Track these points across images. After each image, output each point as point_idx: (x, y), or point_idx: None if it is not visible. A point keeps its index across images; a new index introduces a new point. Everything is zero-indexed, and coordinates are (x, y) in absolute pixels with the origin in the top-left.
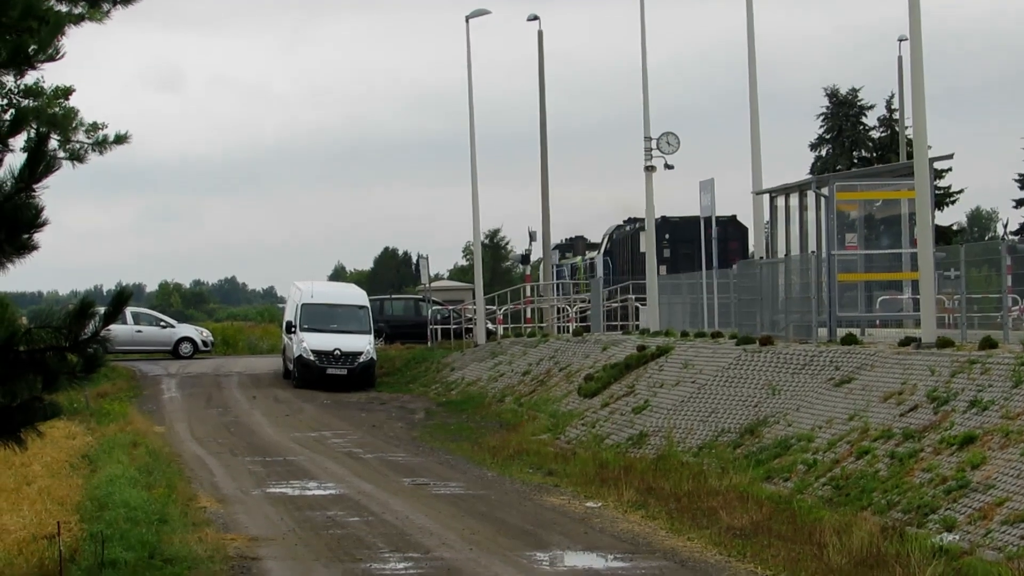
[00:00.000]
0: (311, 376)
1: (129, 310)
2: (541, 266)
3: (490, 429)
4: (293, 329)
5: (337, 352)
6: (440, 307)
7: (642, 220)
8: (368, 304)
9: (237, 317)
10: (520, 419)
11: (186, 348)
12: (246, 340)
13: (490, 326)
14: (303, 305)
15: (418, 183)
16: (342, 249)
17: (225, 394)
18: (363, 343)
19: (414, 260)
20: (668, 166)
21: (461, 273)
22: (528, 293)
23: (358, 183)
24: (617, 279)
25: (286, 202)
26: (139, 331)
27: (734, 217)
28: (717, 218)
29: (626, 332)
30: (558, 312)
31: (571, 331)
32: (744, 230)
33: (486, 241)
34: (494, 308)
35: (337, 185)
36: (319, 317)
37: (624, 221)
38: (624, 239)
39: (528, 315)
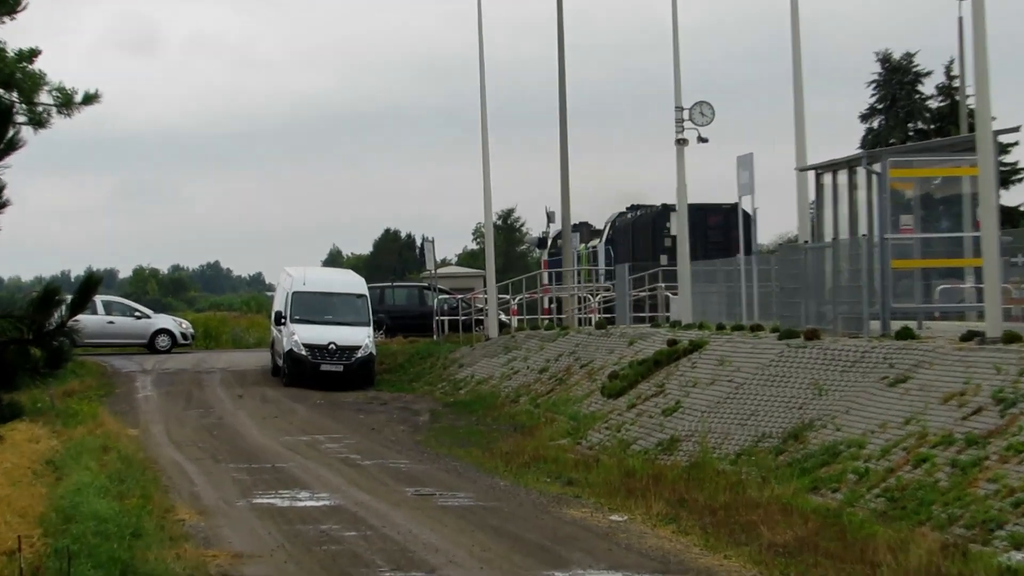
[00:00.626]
0: (303, 373)
1: (100, 298)
2: (561, 250)
3: (503, 433)
4: (283, 320)
5: (332, 346)
6: (447, 296)
7: (645, 207)
8: (367, 293)
9: (220, 307)
10: (536, 422)
11: (163, 341)
12: (230, 333)
13: (503, 317)
14: (294, 293)
15: (423, 158)
16: (338, 231)
17: (207, 393)
18: (361, 336)
19: (418, 243)
20: (702, 139)
21: (471, 258)
22: (545, 281)
23: (356, 157)
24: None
25: (275, 179)
26: (111, 322)
27: (736, 205)
28: (720, 205)
29: (655, 325)
30: (579, 302)
31: (594, 323)
32: (748, 217)
33: (499, 222)
34: (507, 297)
35: (332, 160)
36: (312, 307)
37: (627, 208)
38: (626, 227)
39: (546, 305)
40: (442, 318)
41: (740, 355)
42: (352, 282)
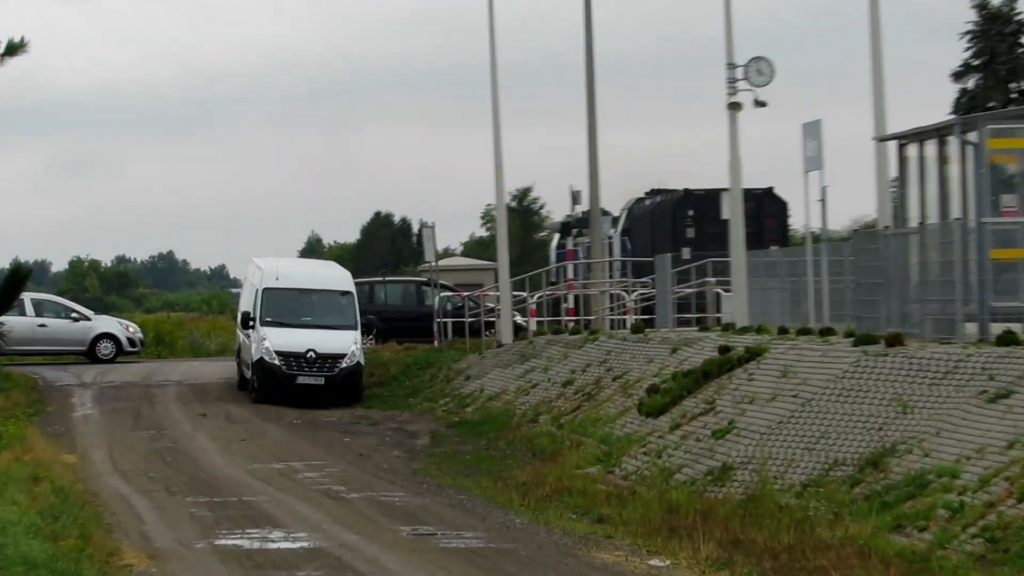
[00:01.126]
0: (276, 387)
1: (28, 296)
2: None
3: (519, 459)
4: (251, 323)
5: (311, 354)
6: (451, 294)
7: (666, 192)
8: (353, 289)
9: (175, 306)
10: (560, 446)
11: (106, 348)
12: (187, 338)
13: (519, 319)
14: (265, 290)
15: (421, 127)
16: (318, 215)
17: (159, 411)
18: (346, 342)
19: (415, 230)
20: (759, 103)
21: (479, 247)
22: (570, 274)
23: (340, 127)
24: (635, 264)
25: (241, 152)
26: (42, 325)
27: (770, 189)
28: (750, 191)
29: (704, 328)
30: (612, 301)
31: (629, 326)
32: (782, 205)
33: (513, 204)
34: (524, 295)
35: (312, 130)
36: (287, 307)
37: (646, 193)
38: (644, 215)
39: (571, 304)
40: (445, 320)
41: (807, 365)
42: (335, 276)
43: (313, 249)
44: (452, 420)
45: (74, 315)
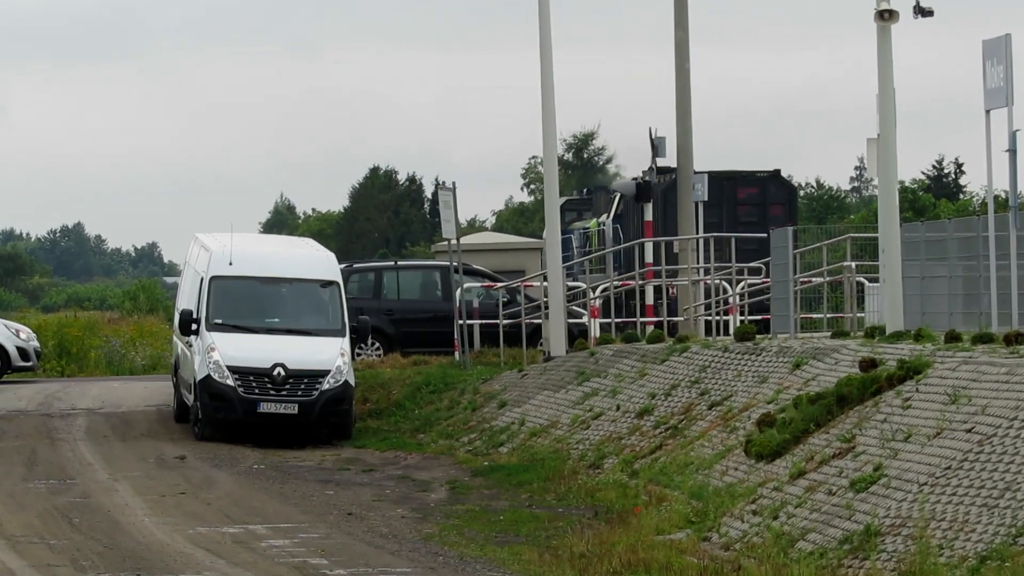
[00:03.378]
0: (229, 417)
1: None
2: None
3: (575, 520)
4: (195, 327)
5: (279, 372)
6: (479, 284)
7: (663, 172)
8: (339, 277)
9: (86, 303)
10: (633, 502)
11: None
12: (103, 348)
13: (577, 320)
14: (214, 280)
15: (434, 49)
16: (288, 174)
17: (63, 451)
18: (329, 354)
19: (428, 193)
20: (921, 10)
21: (519, 218)
22: (649, 258)
23: (315, 51)
24: (628, 253)
25: (173, 83)
26: None
27: (777, 172)
28: (755, 174)
29: (839, 334)
30: (707, 295)
31: (731, 331)
32: (791, 190)
33: (568, 157)
34: (582, 286)
35: (274, 54)
36: (244, 303)
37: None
38: (660, 197)
39: (649, 301)
40: (471, 322)
41: (986, 386)
42: (313, 260)
43: (282, 220)
44: (480, 465)
45: None
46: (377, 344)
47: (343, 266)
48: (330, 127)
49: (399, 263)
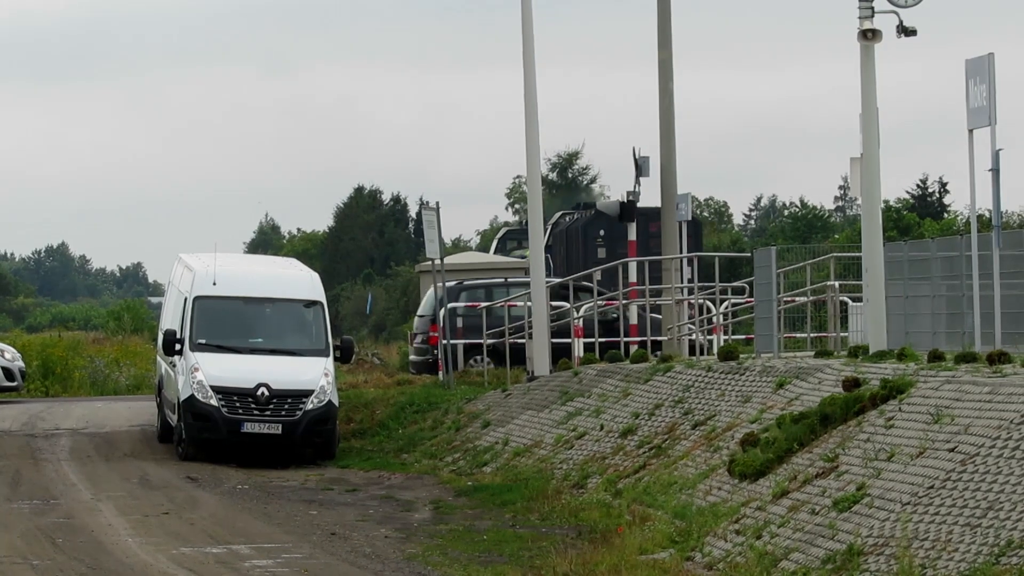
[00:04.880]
0: (212, 437)
1: None
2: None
3: (558, 540)
4: (178, 347)
5: (263, 392)
6: (460, 304)
7: (587, 207)
8: (323, 297)
9: (70, 323)
10: (617, 521)
11: None
12: (87, 368)
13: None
14: (197, 300)
15: (416, 64)
16: (273, 193)
17: (47, 472)
18: (313, 374)
19: (412, 213)
20: (905, 30)
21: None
22: (633, 277)
23: (299, 64)
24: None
25: (155, 103)
26: None
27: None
28: (657, 210)
29: (823, 353)
30: (691, 314)
31: (715, 350)
32: (698, 223)
33: (552, 176)
34: (565, 306)
35: (262, 68)
36: (228, 324)
37: (573, 207)
38: (562, 233)
39: (633, 320)
40: (455, 343)
41: (969, 406)
42: (297, 280)
43: (266, 241)
44: (463, 485)
45: None
46: (490, 360)
47: (454, 283)
48: (315, 146)
49: (508, 280)
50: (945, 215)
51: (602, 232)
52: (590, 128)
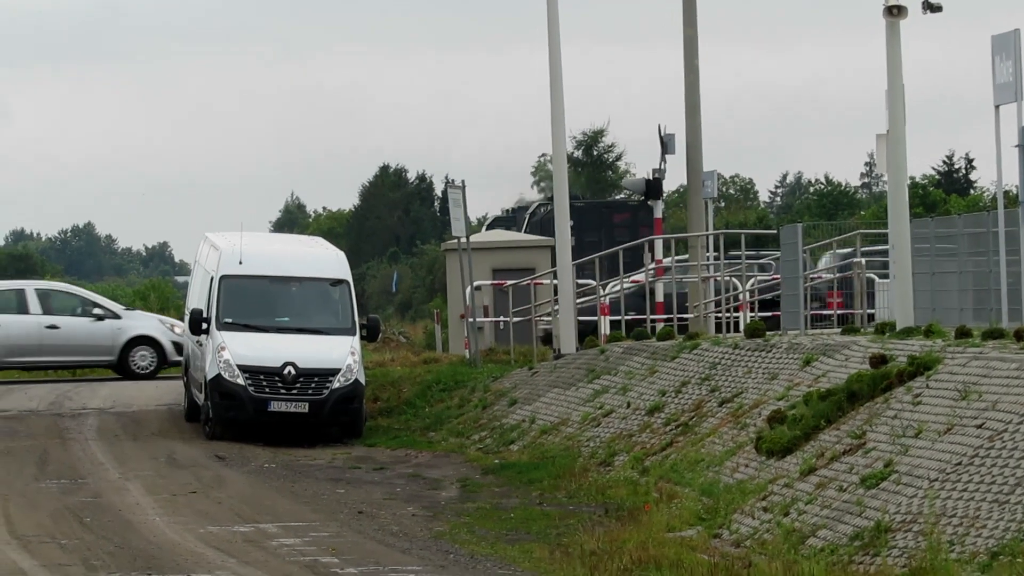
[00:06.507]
0: (239, 416)
1: (30, 286)
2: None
3: (586, 518)
4: (205, 326)
5: (289, 371)
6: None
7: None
8: (349, 276)
9: None
10: (644, 499)
11: (145, 359)
12: None
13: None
14: (224, 279)
15: (437, 45)
16: (299, 173)
17: (74, 451)
18: (340, 353)
19: (438, 192)
20: (930, 6)
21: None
22: (660, 255)
23: (317, 46)
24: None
25: (185, 84)
26: (53, 327)
27: (644, 201)
28: (626, 202)
29: (849, 330)
30: (717, 292)
31: (742, 328)
32: (659, 222)
33: (577, 154)
34: (592, 283)
35: (282, 50)
36: (254, 302)
37: (548, 199)
38: (547, 222)
39: (659, 298)
40: (481, 320)
41: (997, 382)
42: (323, 259)
43: (292, 219)
44: (490, 463)
45: (97, 311)
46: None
47: None
48: (338, 124)
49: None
50: (971, 191)
51: (571, 223)
52: (614, 106)
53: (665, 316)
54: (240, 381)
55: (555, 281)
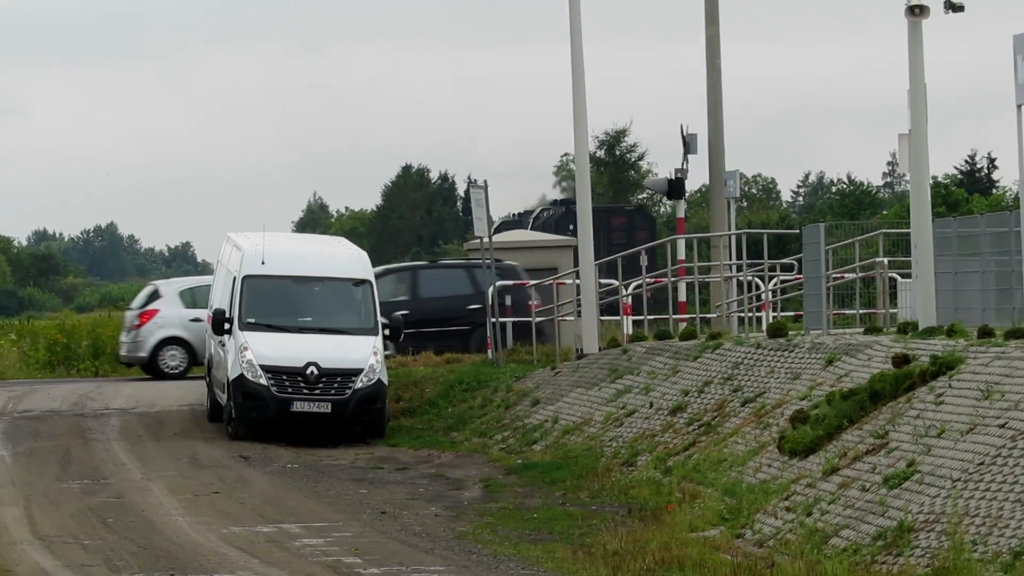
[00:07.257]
0: (262, 416)
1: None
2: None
3: (608, 518)
4: (227, 326)
5: (312, 371)
6: (508, 282)
7: (564, 204)
8: (372, 276)
9: (120, 302)
10: (667, 499)
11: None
12: None
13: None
14: (246, 279)
15: (462, 43)
16: (320, 172)
17: (97, 451)
18: (363, 353)
19: (460, 191)
20: (952, 5)
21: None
22: (682, 255)
23: (340, 42)
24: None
25: (203, 81)
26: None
27: (641, 206)
28: (623, 208)
29: (872, 330)
30: (739, 291)
31: (764, 328)
32: (652, 219)
33: (600, 154)
34: (614, 283)
35: (295, 45)
36: (277, 303)
37: (555, 202)
38: (549, 225)
39: (682, 297)
40: (504, 320)
41: (1019, 381)
42: (346, 259)
43: (314, 219)
44: (513, 463)
45: None
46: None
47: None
48: (361, 123)
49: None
50: (994, 191)
51: (571, 227)
52: (636, 106)
53: (687, 315)
54: (263, 381)
55: (577, 281)
